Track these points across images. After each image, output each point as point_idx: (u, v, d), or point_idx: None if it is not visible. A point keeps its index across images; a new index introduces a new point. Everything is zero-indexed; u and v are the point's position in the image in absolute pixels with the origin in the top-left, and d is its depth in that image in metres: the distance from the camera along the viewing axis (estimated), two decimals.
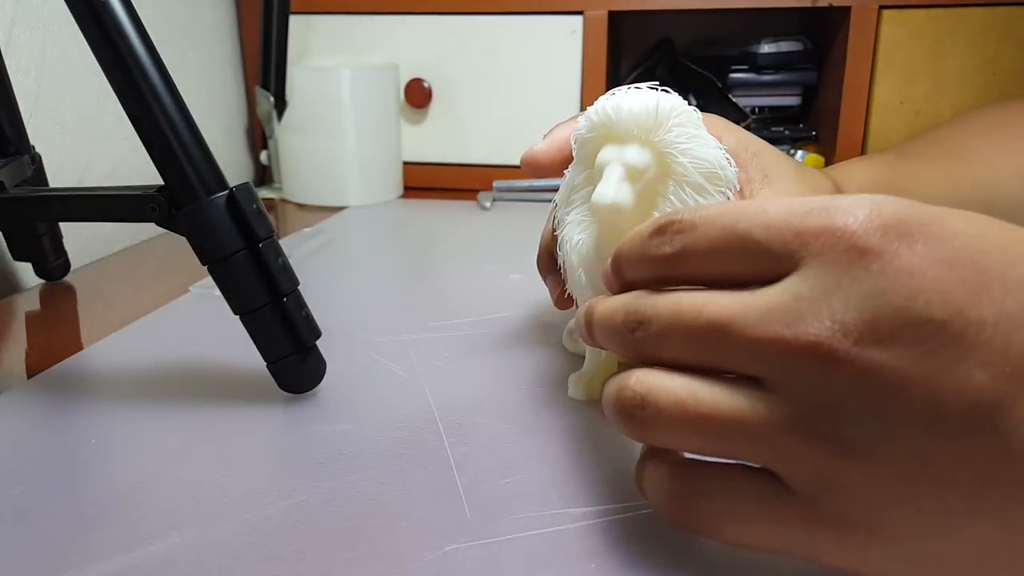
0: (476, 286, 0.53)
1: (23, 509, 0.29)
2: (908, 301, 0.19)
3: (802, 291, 0.20)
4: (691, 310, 0.22)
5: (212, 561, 0.25)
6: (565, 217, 0.34)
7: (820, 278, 0.20)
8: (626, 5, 0.77)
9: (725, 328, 0.21)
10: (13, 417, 0.36)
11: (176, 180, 0.34)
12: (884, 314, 0.19)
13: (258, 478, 0.30)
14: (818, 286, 0.20)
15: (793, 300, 0.21)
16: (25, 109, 0.53)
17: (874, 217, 0.20)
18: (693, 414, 0.22)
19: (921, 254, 0.20)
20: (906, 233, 0.20)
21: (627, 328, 0.24)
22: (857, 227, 0.20)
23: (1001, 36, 0.71)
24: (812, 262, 0.21)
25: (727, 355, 0.22)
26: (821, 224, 0.21)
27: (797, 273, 0.21)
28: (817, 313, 0.20)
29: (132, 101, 0.33)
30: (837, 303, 0.20)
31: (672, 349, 0.23)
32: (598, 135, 0.31)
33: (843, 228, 0.20)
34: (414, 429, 0.34)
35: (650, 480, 0.25)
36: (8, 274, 0.58)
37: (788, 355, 0.20)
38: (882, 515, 0.20)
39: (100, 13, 0.32)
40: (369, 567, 0.25)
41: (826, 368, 0.20)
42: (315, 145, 0.77)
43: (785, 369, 0.21)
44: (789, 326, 0.20)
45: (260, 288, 0.34)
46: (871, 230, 0.20)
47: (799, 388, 0.20)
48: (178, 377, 0.40)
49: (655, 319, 0.23)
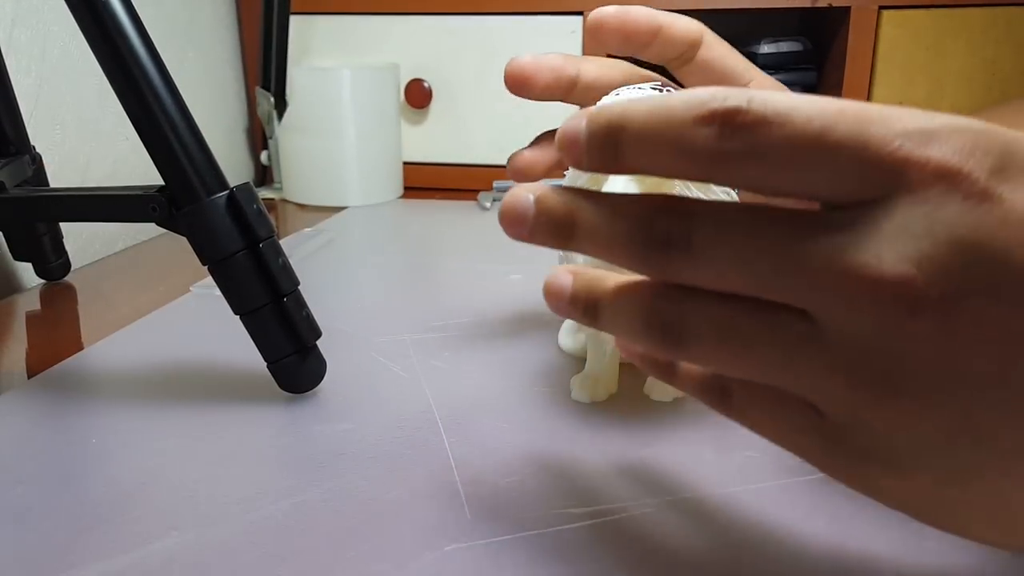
0: (476, 286, 0.53)
1: (23, 509, 0.29)
2: (1007, 252, 0.17)
3: (888, 227, 0.18)
4: (746, 224, 0.19)
5: (212, 561, 0.26)
6: None
7: (913, 214, 0.18)
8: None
9: (787, 251, 0.18)
10: (13, 417, 0.36)
11: (176, 180, 0.34)
12: (981, 263, 0.17)
13: (258, 478, 0.30)
14: (909, 223, 0.18)
15: (876, 234, 0.18)
16: (25, 109, 0.53)
17: (981, 150, 0.18)
18: (732, 347, 0.19)
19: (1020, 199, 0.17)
20: (1013, 172, 0.18)
21: (659, 240, 0.19)
22: (961, 161, 0.18)
23: (1001, 36, 0.71)
24: (906, 195, 0.18)
25: (783, 285, 0.19)
26: (923, 156, 0.18)
27: (887, 203, 0.18)
28: (902, 253, 0.17)
29: (132, 101, 0.33)
30: (927, 245, 0.17)
31: (715, 271, 0.19)
32: None
33: (944, 161, 0.18)
34: (414, 429, 0.34)
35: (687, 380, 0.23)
36: (9, 274, 0.58)
37: (861, 294, 0.18)
38: (908, 461, 0.19)
39: (100, 13, 0.32)
40: (369, 567, 0.25)
41: (902, 315, 0.18)
42: (315, 145, 0.78)
43: (854, 310, 0.18)
44: (867, 265, 0.18)
45: (260, 288, 0.34)
46: (976, 166, 0.18)
47: (862, 331, 0.18)
48: (178, 377, 0.40)
49: (697, 232, 0.19)
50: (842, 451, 0.20)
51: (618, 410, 0.35)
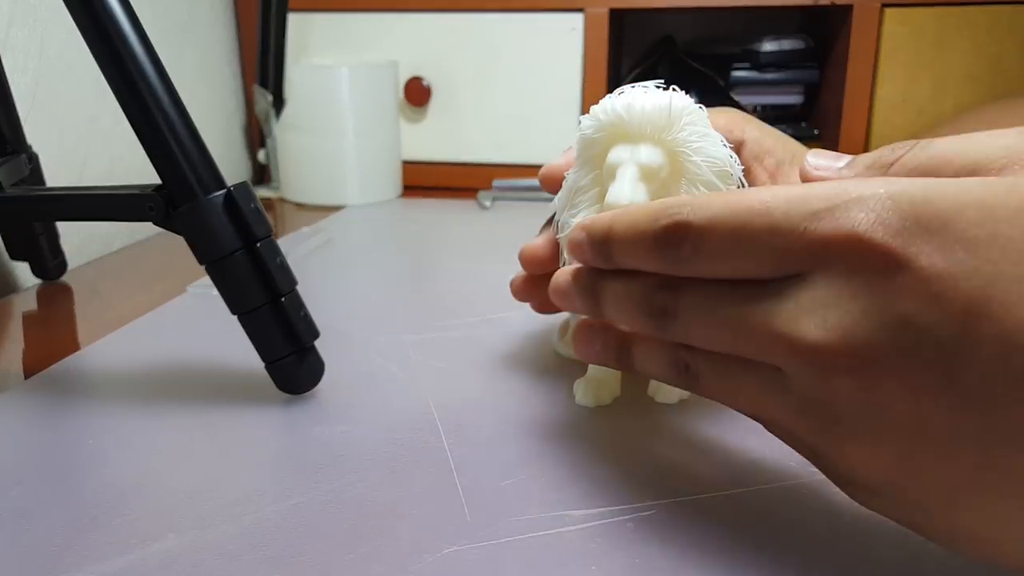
0: (476, 286, 0.53)
1: (21, 509, 0.28)
2: (914, 316, 0.18)
3: (809, 297, 0.21)
4: (714, 297, 0.23)
5: (210, 562, 0.25)
6: (571, 220, 0.33)
7: (830, 286, 0.20)
8: (627, 3, 0.77)
9: (740, 319, 0.22)
10: (11, 417, 0.36)
11: (173, 179, 0.34)
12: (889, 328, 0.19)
13: (256, 479, 0.30)
14: (827, 295, 0.20)
15: (799, 303, 0.21)
16: (22, 108, 0.53)
17: (890, 218, 0.19)
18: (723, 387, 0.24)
19: (942, 259, 0.18)
20: (924, 233, 0.19)
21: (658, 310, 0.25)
22: (871, 232, 0.19)
23: (1004, 34, 0.71)
24: (823, 269, 0.20)
25: (743, 345, 0.22)
26: (831, 230, 0.20)
27: (809, 275, 0.21)
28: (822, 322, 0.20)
29: (129, 100, 0.33)
30: (842, 314, 0.20)
31: (698, 334, 0.24)
32: (607, 135, 0.31)
33: (855, 235, 0.19)
34: (413, 430, 0.34)
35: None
36: (5, 274, 0.57)
37: (793, 355, 0.21)
38: (879, 490, 0.21)
39: (97, 12, 0.32)
40: (368, 569, 0.25)
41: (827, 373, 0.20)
42: (314, 144, 0.77)
43: (790, 366, 0.21)
44: (792, 329, 0.21)
45: (258, 288, 0.34)
46: (886, 236, 0.19)
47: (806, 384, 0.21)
48: (176, 377, 0.40)
49: (682, 304, 0.24)
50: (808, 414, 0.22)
51: (621, 412, 0.35)
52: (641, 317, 0.26)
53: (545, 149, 0.82)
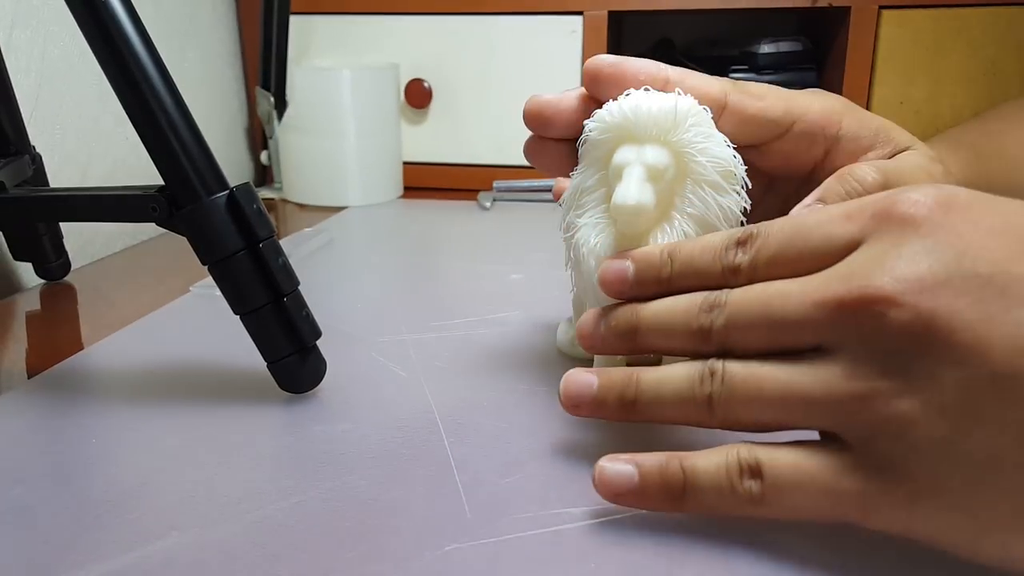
0: (476, 286, 0.53)
1: (23, 509, 0.29)
2: (956, 259, 0.21)
3: (859, 259, 0.23)
4: (758, 289, 0.25)
5: (212, 561, 0.26)
6: (576, 220, 0.33)
7: (877, 246, 0.22)
8: (626, 5, 0.77)
9: (787, 297, 0.24)
10: (14, 417, 0.36)
11: (176, 180, 0.34)
12: (936, 268, 0.21)
13: (258, 478, 0.30)
14: (875, 253, 0.22)
15: (849, 267, 0.23)
16: (26, 109, 0.53)
17: (927, 193, 0.22)
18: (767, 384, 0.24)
19: (969, 221, 0.22)
20: (955, 205, 0.22)
21: (708, 319, 0.26)
22: (911, 201, 0.22)
23: (1001, 36, 0.71)
24: (870, 238, 0.23)
25: (791, 325, 0.23)
26: (879, 206, 0.23)
27: (857, 250, 0.23)
28: (869, 272, 0.22)
29: (132, 101, 0.33)
30: (891, 261, 0.22)
31: (744, 331, 0.25)
32: (613, 136, 0.31)
33: (898, 203, 0.23)
34: (414, 429, 0.34)
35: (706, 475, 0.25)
36: (9, 274, 0.58)
37: (845, 310, 0.22)
38: (929, 464, 0.21)
39: (100, 13, 0.32)
40: (369, 567, 0.25)
41: (879, 313, 0.21)
42: (315, 145, 0.77)
43: (844, 325, 0.22)
44: (846, 285, 0.22)
45: (260, 288, 0.34)
46: (924, 202, 0.22)
47: (857, 340, 0.22)
48: (178, 377, 0.40)
49: (728, 302, 0.25)
50: (875, 479, 0.22)
51: None
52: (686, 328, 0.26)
53: None
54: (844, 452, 0.23)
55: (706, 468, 0.25)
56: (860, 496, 0.22)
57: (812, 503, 0.23)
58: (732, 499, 0.24)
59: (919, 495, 0.21)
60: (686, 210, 0.31)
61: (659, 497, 0.25)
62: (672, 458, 0.25)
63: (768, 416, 0.24)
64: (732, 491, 0.24)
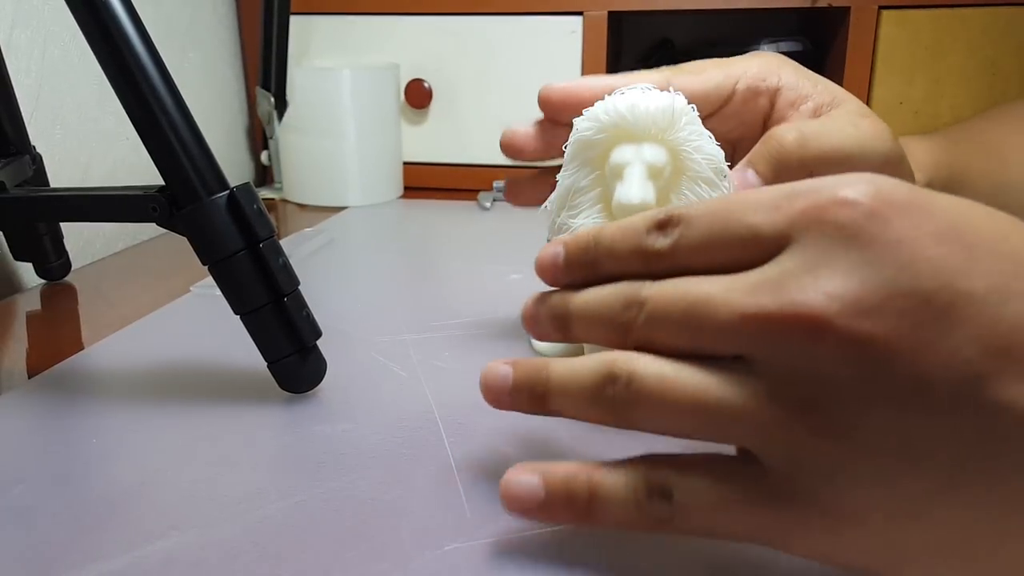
0: (476, 286, 0.53)
1: (23, 509, 0.29)
2: (897, 272, 0.19)
3: (789, 266, 0.20)
4: (682, 288, 0.22)
5: (212, 561, 0.26)
6: (570, 221, 0.33)
7: (808, 252, 0.20)
8: (626, 5, 0.77)
9: (712, 303, 0.21)
10: (14, 417, 0.36)
11: (177, 180, 0.34)
12: (873, 284, 0.19)
13: (258, 478, 0.30)
14: (807, 260, 0.20)
15: (780, 274, 0.20)
16: (26, 109, 0.53)
17: (863, 192, 0.20)
18: (679, 393, 0.22)
19: (910, 226, 0.19)
20: (894, 207, 0.20)
21: (624, 310, 0.23)
22: (845, 202, 0.20)
23: (1001, 36, 0.71)
24: (801, 239, 0.20)
25: (713, 333, 0.21)
26: (810, 202, 0.21)
27: (786, 251, 0.21)
28: (803, 285, 0.20)
29: (133, 101, 0.33)
30: (824, 274, 0.20)
31: (665, 332, 0.23)
32: (609, 136, 0.31)
33: (831, 203, 0.20)
34: (414, 429, 0.34)
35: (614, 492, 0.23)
36: (9, 274, 0.58)
37: (773, 327, 0.20)
38: (856, 497, 0.20)
39: (101, 13, 0.32)
40: (369, 567, 0.25)
41: (812, 338, 0.19)
42: (316, 145, 0.78)
43: (770, 342, 0.20)
44: (775, 298, 0.20)
45: (261, 288, 0.34)
46: (859, 204, 0.20)
47: (784, 361, 0.20)
48: (178, 377, 0.40)
49: (648, 299, 0.23)
50: (791, 508, 0.21)
51: None
52: (609, 322, 0.24)
53: None
54: (761, 477, 0.21)
55: (614, 486, 0.23)
56: (776, 524, 0.21)
57: (724, 528, 0.22)
58: (640, 518, 0.23)
59: (840, 527, 0.20)
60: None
61: (565, 513, 0.24)
62: (580, 471, 0.24)
63: (676, 428, 0.22)
64: (640, 510, 0.23)
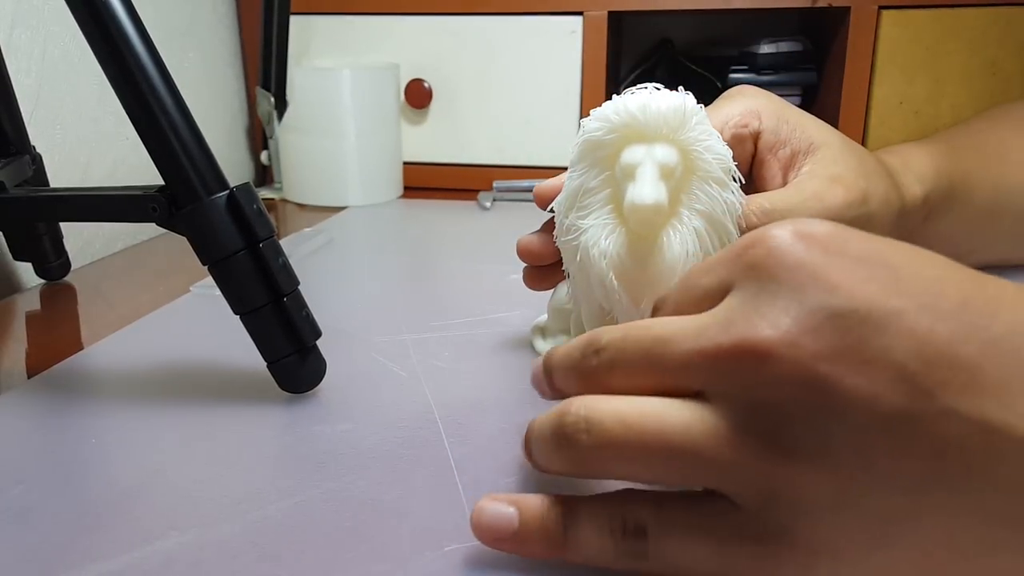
0: (476, 286, 0.53)
1: (23, 509, 0.29)
2: (829, 296, 0.20)
3: (734, 305, 0.22)
4: (640, 330, 0.23)
5: (212, 561, 0.26)
6: (579, 222, 0.32)
7: (748, 292, 0.21)
8: (626, 5, 0.77)
9: (667, 343, 0.22)
10: (13, 417, 0.36)
11: (177, 180, 0.34)
12: (809, 310, 0.20)
13: (258, 478, 0.30)
14: (747, 299, 0.21)
15: (727, 314, 0.22)
16: (26, 109, 0.53)
17: (786, 232, 0.22)
18: (638, 433, 0.22)
19: (836, 256, 0.21)
20: (814, 240, 0.21)
21: (587, 360, 0.24)
22: (771, 245, 0.22)
23: (1001, 36, 0.71)
24: (740, 283, 0.22)
25: (670, 370, 0.22)
26: (740, 250, 0.22)
27: (729, 296, 0.22)
28: (748, 318, 0.21)
29: (132, 101, 0.33)
30: (764, 308, 0.21)
31: (625, 373, 0.23)
32: (619, 136, 0.31)
33: (759, 247, 0.22)
34: (414, 429, 0.34)
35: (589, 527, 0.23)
36: (9, 274, 0.58)
37: (723, 359, 0.21)
38: (827, 526, 0.20)
39: (100, 13, 0.32)
40: (369, 567, 0.25)
41: (760, 365, 0.20)
42: (316, 145, 0.78)
43: (722, 375, 0.21)
44: (723, 333, 0.21)
45: (260, 288, 0.34)
46: (784, 246, 0.21)
47: (738, 393, 0.21)
48: (178, 377, 0.40)
49: (610, 344, 0.24)
50: (766, 546, 0.21)
51: None
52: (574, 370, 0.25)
53: (545, 150, 0.83)
54: (732, 513, 0.21)
55: (588, 523, 0.23)
56: (751, 563, 0.21)
57: (700, 566, 0.22)
58: (615, 555, 0.23)
59: (816, 559, 0.20)
60: (694, 207, 0.31)
61: (539, 546, 0.24)
62: (554, 506, 0.24)
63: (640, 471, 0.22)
64: (615, 547, 0.23)
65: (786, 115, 0.38)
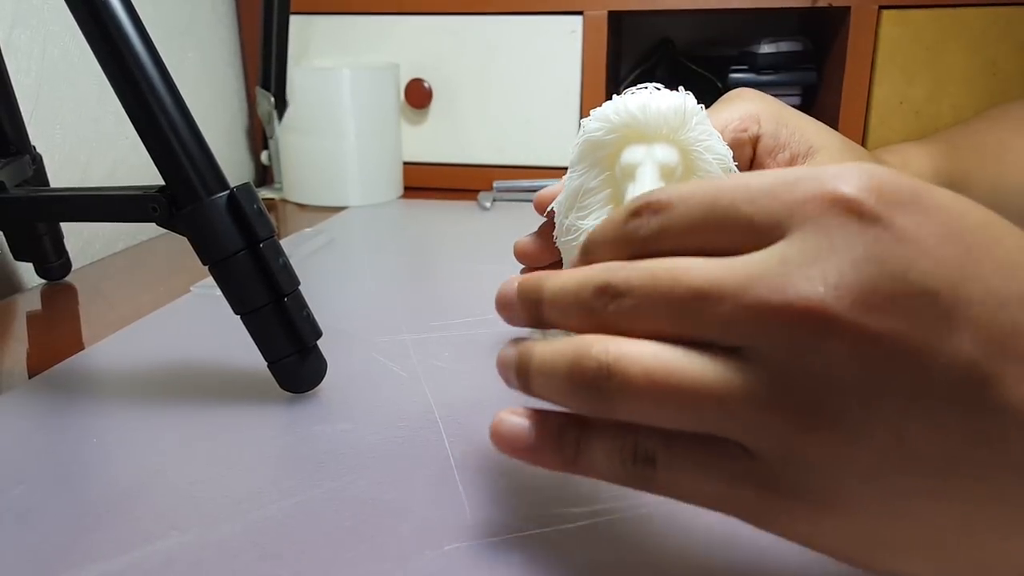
0: (476, 286, 0.53)
1: (23, 509, 0.29)
2: (905, 269, 0.18)
3: (791, 255, 0.19)
4: (668, 278, 0.21)
5: (212, 561, 0.26)
6: (579, 223, 0.32)
7: (812, 242, 0.19)
8: (626, 5, 0.77)
9: (705, 295, 0.20)
10: (14, 417, 0.36)
11: (177, 180, 0.34)
12: (882, 280, 0.18)
13: (258, 478, 0.30)
14: (809, 250, 0.19)
15: (781, 264, 0.19)
16: (26, 109, 0.53)
17: (867, 182, 0.19)
18: (663, 383, 0.20)
19: (916, 223, 0.19)
20: (900, 201, 0.19)
21: (601, 303, 0.22)
22: (851, 191, 0.19)
23: (1001, 36, 0.71)
24: (802, 227, 0.19)
25: (707, 325, 0.20)
26: (811, 190, 0.20)
27: (786, 239, 0.20)
28: (808, 277, 0.19)
29: (132, 101, 0.33)
30: (831, 266, 0.19)
31: (648, 322, 0.21)
32: (619, 136, 0.31)
33: (835, 192, 0.19)
34: (414, 429, 0.34)
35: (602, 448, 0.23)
36: (9, 274, 0.58)
37: (775, 322, 0.19)
38: (844, 490, 0.20)
39: (100, 13, 0.32)
40: (369, 567, 0.25)
41: (817, 335, 0.19)
42: (315, 145, 0.78)
43: (770, 337, 0.19)
44: (777, 291, 0.19)
45: (261, 288, 0.34)
46: (866, 194, 0.19)
47: (783, 358, 0.19)
48: (178, 377, 0.40)
49: (630, 291, 0.22)
50: (776, 495, 0.20)
51: None
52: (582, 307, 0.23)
53: (545, 150, 0.83)
54: (746, 458, 0.20)
55: (600, 446, 0.23)
56: (759, 505, 0.21)
57: (704, 499, 0.22)
58: (624, 477, 0.22)
59: (824, 517, 0.20)
60: None
61: (552, 459, 0.24)
62: (571, 426, 0.23)
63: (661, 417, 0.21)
64: (624, 472, 0.22)
65: (785, 119, 0.38)
